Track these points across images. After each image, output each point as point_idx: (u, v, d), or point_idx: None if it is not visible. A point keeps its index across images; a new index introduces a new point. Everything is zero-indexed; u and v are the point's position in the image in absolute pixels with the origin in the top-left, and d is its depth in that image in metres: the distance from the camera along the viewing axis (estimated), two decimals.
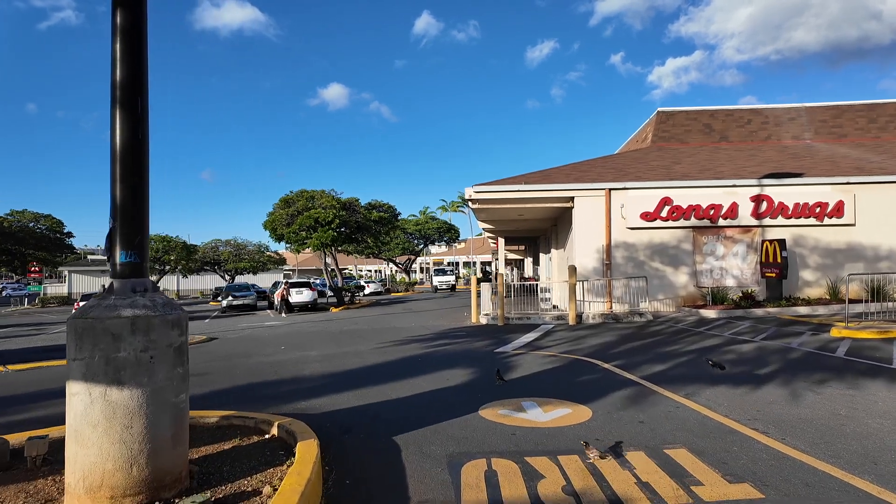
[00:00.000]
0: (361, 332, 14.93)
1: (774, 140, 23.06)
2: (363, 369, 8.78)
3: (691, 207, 16.09)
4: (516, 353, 9.70)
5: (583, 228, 16.65)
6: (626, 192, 16.40)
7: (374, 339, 13.16)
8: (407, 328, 15.64)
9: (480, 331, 13.96)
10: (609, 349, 9.83)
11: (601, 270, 16.47)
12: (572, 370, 7.89)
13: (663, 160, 20.25)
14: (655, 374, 7.32)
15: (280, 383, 7.91)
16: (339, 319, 20.41)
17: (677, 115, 24.01)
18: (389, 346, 11.64)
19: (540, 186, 16.80)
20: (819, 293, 15.78)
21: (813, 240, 16.02)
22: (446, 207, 75.43)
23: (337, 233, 25.34)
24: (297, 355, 10.80)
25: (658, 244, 16.43)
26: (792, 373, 7.10)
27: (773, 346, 9.21)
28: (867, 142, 22.18)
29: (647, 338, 11.14)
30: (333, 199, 26.49)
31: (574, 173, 18.58)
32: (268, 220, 27.01)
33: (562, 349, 9.99)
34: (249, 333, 16.44)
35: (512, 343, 11.11)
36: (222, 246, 46.19)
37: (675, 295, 16.39)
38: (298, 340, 13.68)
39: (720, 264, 16.17)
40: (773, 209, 15.86)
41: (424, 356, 9.92)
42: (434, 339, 12.63)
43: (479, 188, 16.85)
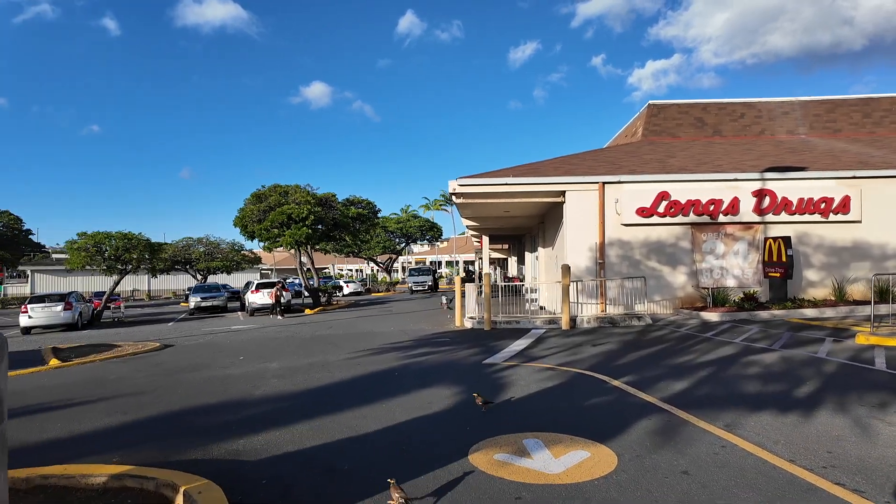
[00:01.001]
0: (334, 339, 13.52)
1: (769, 135, 22.22)
2: (327, 388, 7.41)
3: (690, 203, 15.02)
4: (508, 365, 8.43)
5: (575, 225, 15.47)
6: (621, 187, 15.27)
7: (346, 346, 11.78)
8: (385, 333, 14.28)
9: (465, 336, 12.68)
10: (614, 360, 8.61)
11: (594, 270, 15.32)
12: (577, 389, 6.64)
13: (656, 154, 19.21)
14: (678, 394, 6.10)
15: (223, 409, 6.51)
16: (313, 323, 18.94)
17: (669, 109, 23.02)
18: (363, 355, 10.28)
19: (529, 179, 15.58)
20: (824, 294, 14.84)
21: (817, 237, 15.08)
22: (429, 206, 74.19)
23: (312, 230, 23.81)
24: (255, 368, 9.37)
25: (655, 242, 15.34)
26: (839, 392, 5.95)
27: (798, 357, 8.09)
28: (863, 137, 21.46)
29: (652, 345, 9.97)
30: (308, 194, 24.93)
31: (564, 166, 17.41)
32: (238, 216, 25.34)
33: (559, 360, 8.75)
34: (211, 340, 14.90)
35: (501, 352, 9.84)
36: (194, 244, 44.08)
37: (673, 296, 15.32)
38: (262, 348, 12.22)
39: (720, 263, 15.14)
40: (777, 205, 14.87)
41: (402, 370, 8.58)
42: (414, 346, 11.30)
43: (465, 181, 15.56)
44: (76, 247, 23.38)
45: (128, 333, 18.41)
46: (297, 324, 18.83)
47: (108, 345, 13.97)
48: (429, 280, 42.45)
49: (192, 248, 43.23)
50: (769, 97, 22.99)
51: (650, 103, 23.19)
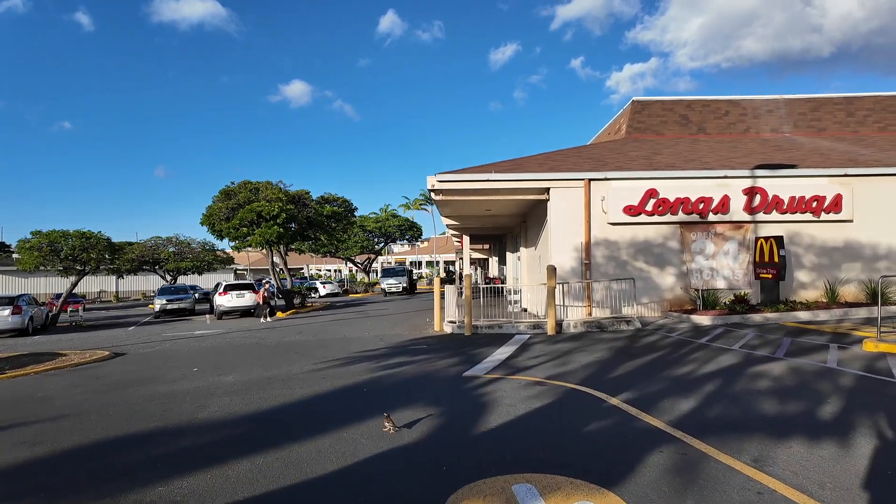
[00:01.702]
0: (302, 346, 12.49)
1: (753, 133, 21.83)
2: (284, 410, 6.43)
3: (679, 201, 14.38)
4: (490, 379, 7.55)
5: (559, 224, 14.70)
6: (608, 184, 14.55)
7: (314, 355, 10.78)
8: (358, 339, 13.30)
9: (444, 343, 11.79)
10: (607, 371, 7.81)
11: (579, 271, 14.57)
12: (571, 411, 5.79)
13: (642, 151, 18.60)
14: (687, 417, 5.30)
15: (156, 438, 5.49)
16: (283, 327, 17.83)
17: (653, 105, 22.48)
18: (331, 366, 9.30)
19: (512, 176, 14.75)
20: (815, 296, 14.34)
21: (809, 237, 14.58)
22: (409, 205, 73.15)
23: (284, 229, 22.61)
24: (208, 382, 8.33)
25: (642, 242, 14.66)
26: (868, 412, 5.22)
27: (808, 368, 7.39)
28: (847, 136, 21.21)
29: (646, 353, 9.20)
30: (280, 191, 23.72)
31: (548, 163, 16.64)
32: (205, 214, 23.99)
33: (548, 372, 7.91)
34: (168, 347, 13.72)
35: (483, 362, 8.97)
36: (163, 244, 42.27)
37: (661, 298, 14.66)
38: (221, 358, 11.14)
39: (710, 264, 14.53)
40: (768, 203, 14.32)
41: (372, 385, 7.64)
42: (388, 355, 10.36)
43: (444, 177, 14.66)
44: (28, 246, 21.81)
45: (82, 339, 17.06)
46: (265, 328, 17.69)
47: (52, 354, 12.71)
48: (404, 281, 39.45)
49: (161, 247, 41.43)
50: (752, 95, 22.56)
51: (634, 100, 22.62)
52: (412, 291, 40.95)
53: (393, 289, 38.95)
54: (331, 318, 20.50)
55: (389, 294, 38.72)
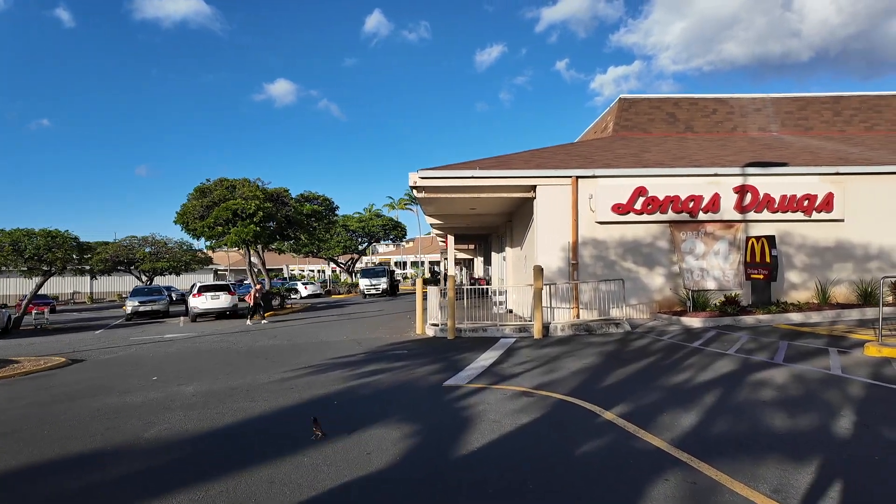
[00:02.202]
0: (275, 351, 11.78)
1: (741, 131, 21.57)
2: (241, 428, 5.75)
3: (669, 199, 13.94)
4: (473, 389, 6.96)
5: (546, 223, 14.18)
6: (596, 181, 14.06)
7: (286, 361, 10.09)
8: (335, 343, 12.62)
9: (426, 347, 11.17)
10: (598, 380, 7.26)
11: (566, 271, 14.06)
12: (562, 427, 5.21)
13: (630, 148, 18.18)
14: (691, 434, 4.75)
15: (89, 462, 4.79)
16: (258, 331, 17.05)
17: (640, 103, 22.11)
18: (302, 374, 8.62)
19: (497, 173, 14.19)
20: (807, 297, 14.01)
21: (800, 237, 14.25)
22: (394, 205, 72.48)
23: (261, 227, 21.78)
24: (165, 394, 7.61)
25: (631, 241, 14.20)
26: (891, 427, 4.72)
27: (812, 375, 6.92)
28: (834, 135, 21.06)
29: (638, 358, 8.69)
30: (258, 188, 22.88)
31: (535, 160, 16.12)
32: (179, 212, 23.06)
33: (535, 380, 7.34)
34: (133, 352, 12.90)
35: (466, 369, 8.37)
36: (139, 244, 40.99)
37: (650, 300, 14.21)
38: (186, 364, 10.39)
39: (700, 264, 14.13)
40: (759, 202, 13.95)
41: (343, 396, 7.00)
42: (365, 361, 9.71)
43: (427, 173, 14.05)
44: None
45: (44, 344, 16.11)
46: (239, 332, 16.90)
47: (3, 360, 11.81)
48: (384, 282, 37.24)
49: (137, 247, 40.16)
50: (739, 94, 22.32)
51: (621, 97, 22.24)
52: (394, 293, 39.30)
53: (372, 290, 37.03)
54: (309, 321, 19.75)
55: (369, 296, 36.83)
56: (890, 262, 14.11)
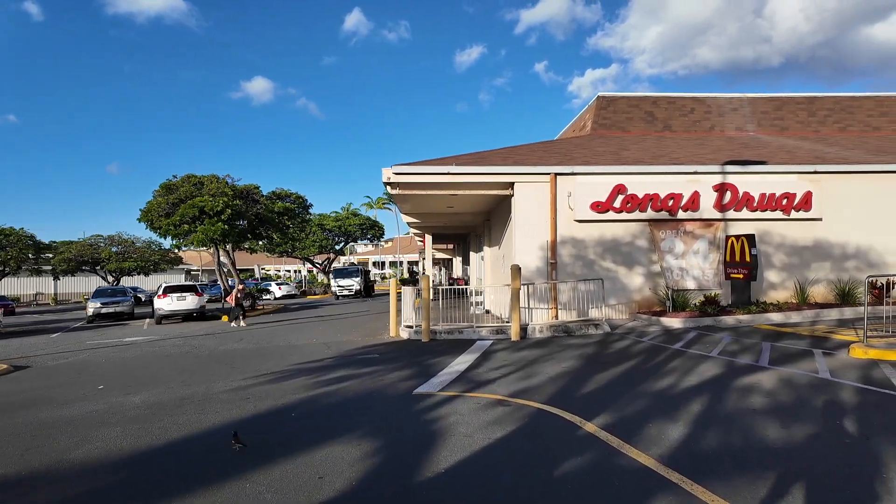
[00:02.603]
0: (239, 355, 11.10)
1: (718, 131, 21.54)
2: (182, 445, 5.15)
3: (648, 197, 13.66)
4: (445, 397, 6.46)
5: (524, 221, 13.77)
6: (575, 179, 13.70)
7: (248, 367, 9.44)
8: (303, 347, 11.99)
9: (399, 351, 10.63)
10: (579, 386, 6.82)
11: (545, 271, 13.67)
12: (540, 442, 4.74)
13: (609, 146, 17.93)
14: (680, 449, 4.33)
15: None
16: (224, 333, 16.28)
17: (619, 101, 21.92)
18: (263, 381, 8.01)
19: (474, 169, 13.72)
20: (785, 296, 13.88)
21: (779, 236, 14.12)
22: (371, 204, 71.70)
23: (229, 226, 20.92)
24: (107, 405, 6.92)
25: (610, 240, 13.88)
26: (892, 437, 4.37)
27: (800, 379, 6.59)
28: (809, 135, 21.17)
29: (619, 362, 8.30)
30: (226, 185, 22.00)
31: (513, 156, 15.71)
32: (144, 209, 22.04)
33: (511, 387, 6.87)
34: (85, 358, 12.06)
35: (439, 374, 7.86)
36: (104, 242, 39.45)
37: (629, 300, 13.91)
38: (140, 371, 9.66)
39: (680, 263, 13.88)
40: (738, 200, 13.77)
41: (304, 407, 6.42)
42: (332, 366, 9.13)
43: (401, 169, 13.51)
44: None
45: None
46: (204, 334, 16.10)
47: None
48: (357, 283, 35.39)
49: (102, 247, 38.64)
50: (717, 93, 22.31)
51: (600, 95, 22.01)
52: (369, 294, 37.83)
53: (344, 291, 35.05)
54: (280, 323, 19.01)
55: (341, 297, 34.91)
56: (867, 262, 14.07)
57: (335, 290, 35.35)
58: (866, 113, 22.07)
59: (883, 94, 22.39)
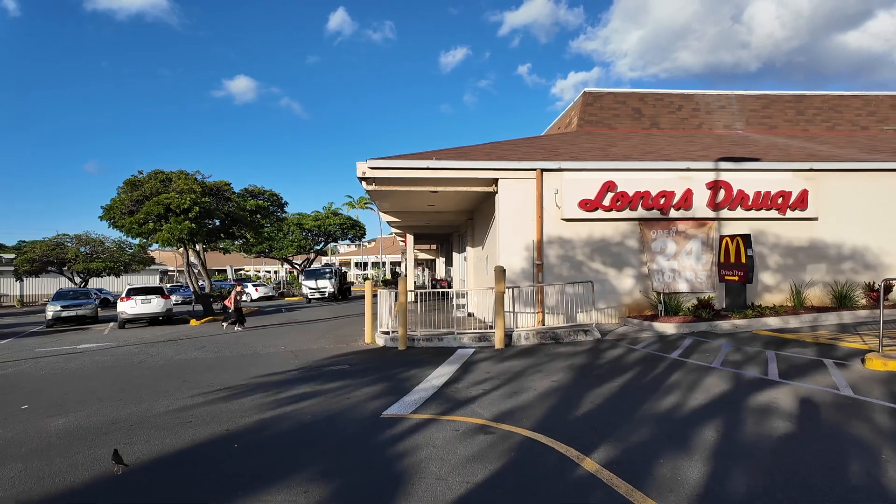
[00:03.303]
0: (194, 366, 10.06)
1: (707, 129, 21.01)
2: (87, 491, 4.16)
3: (639, 195, 12.92)
4: (418, 422, 5.56)
5: (508, 219, 12.93)
6: (562, 175, 12.91)
7: (201, 380, 8.42)
8: (268, 356, 10.99)
9: (372, 360, 9.70)
10: (572, 406, 5.98)
11: (531, 273, 12.85)
12: (529, 486, 3.87)
13: (596, 143, 17.20)
14: (707, 499, 3.49)
15: None
16: (187, 339, 15.15)
17: (605, 98, 21.26)
18: (212, 400, 7.02)
19: (456, 164, 12.83)
20: (781, 299, 13.27)
21: (773, 236, 13.50)
22: (353, 204, 70.48)
23: (198, 224, 19.72)
24: (20, 432, 5.87)
25: (599, 240, 13.11)
26: None
27: (820, 396, 5.84)
28: (798, 134, 20.75)
29: (614, 374, 7.48)
30: (195, 181, 20.78)
31: (496, 151, 14.86)
32: (106, 206, 20.70)
33: (495, 407, 6.00)
34: (26, 368, 10.88)
35: (414, 391, 6.96)
36: (71, 242, 37.67)
37: (619, 303, 13.16)
38: (76, 386, 8.56)
39: (671, 265, 13.18)
40: (732, 199, 13.11)
41: (251, 435, 5.47)
42: (295, 380, 8.16)
43: (377, 163, 12.56)
44: None
45: None
46: (166, 340, 14.95)
47: None
48: (331, 284, 32.73)
49: (69, 246, 36.88)
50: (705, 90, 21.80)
51: (586, 91, 21.33)
52: (345, 297, 35.64)
53: (316, 294, 32.52)
54: (251, 327, 17.90)
55: (313, 300, 32.47)
56: (863, 263, 13.54)
57: (306, 292, 33.01)
58: (854, 112, 21.74)
59: (871, 93, 22.09)
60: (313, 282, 32.99)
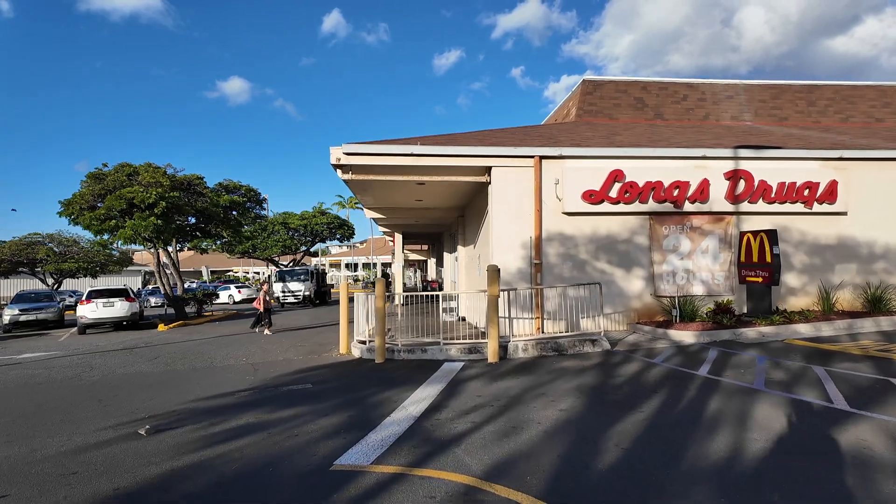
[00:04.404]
0: (137, 382, 8.47)
1: (713, 120, 19.64)
2: None
3: (650, 185, 11.47)
4: (379, 480, 4.04)
5: (503, 214, 11.45)
6: (563, 163, 11.44)
7: (128, 405, 6.85)
8: (224, 369, 9.42)
9: (342, 377, 8.17)
10: (592, 452, 4.48)
11: (528, 273, 11.36)
12: None
13: (598, 132, 15.76)
14: None
15: None
16: (146, 347, 13.53)
17: (606, 86, 19.84)
18: (124, 435, 5.45)
19: (443, 150, 11.31)
20: (806, 303, 11.86)
21: (798, 232, 12.10)
22: (343, 204, 68.88)
23: (164, 220, 18.06)
24: None
25: (604, 237, 11.65)
26: None
27: None
28: (810, 125, 19.44)
29: (639, 401, 6.00)
30: (163, 175, 19.11)
31: (489, 139, 13.38)
32: (65, 201, 18.99)
33: (487, 453, 4.49)
34: None
35: (383, 425, 5.43)
36: (43, 241, 35.74)
37: (627, 308, 11.70)
38: None
39: (685, 265, 11.75)
40: (754, 191, 11.68)
41: (151, 494, 3.92)
42: (242, 406, 6.61)
43: (354, 147, 11.02)
44: None
45: None
46: (120, 349, 13.32)
47: None
48: (306, 287, 29.60)
49: (38, 246, 35.00)
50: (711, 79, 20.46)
51: (585, 79, 19.90)
52: (323, 300, 32.75)
53: (290, 297, 29.33)
54: (218, 334, 16.29)
55: (287, 304, 29.47)
56: None
57: (278, 295, 29.57)
58: (868, 103, 20.45)
59: (886, 83, 20.82)
60: (287, 284, 29.90)
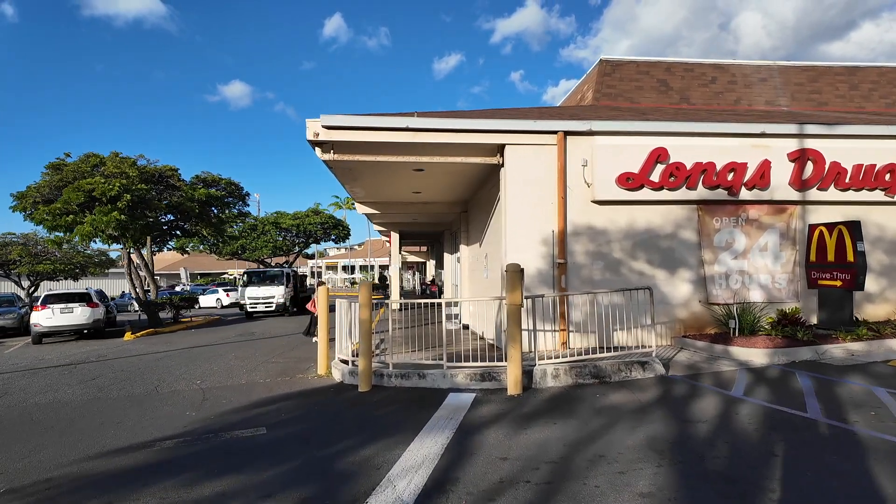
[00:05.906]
0: (40, 420, 6.33)
1: (745, 104, 17.59)
2: None
3: (699, 167, 9.36)
4: None
5: (518, 202, 9.33)
6: (594, 140, 9.34)
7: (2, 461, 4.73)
8: (165, 398, 7.28)
9: (310, 417, 6.04)
10: None
11: (549, 275, 9.24)
12: None
13: (623, 114, 13.67)
14: None
15: None
16: (96, 362, 11.38)
17: (626, 67, 17.78)
18: None
19: (447, 124, 9.19)
20: (884, 312, 9.77)
21: (876, 226, 10.00)
22: (340, 204, 66.96)
23: (129, 216, 15.90)
24: None
25: (643, 231, 9.54)
26: None
27: None
28: (852, 111, 17.40)
29: (750, 472, 3.89)
30: (130, 165, 16.96)
31: (501, 114, 11.28)
32: (17, 194, 16.86)
33: None
34: None
35: None
36: (17, 241, 33.57)
37: (671, 317, 9.58)
38: None
39: (739, 265, 9.65)
40: (824, 175, 9.59)
41: None
42: (151, 472, 4.48)
43: (334, 120, 8.88)
44: None
45: None
46: (65, 364, 11.16)
47: None
48: (279, 294, 24.03)
49: (11, 247, 32.83)
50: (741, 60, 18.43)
51: (602, 59, 17.84)
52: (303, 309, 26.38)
53: (258, 306, 23.74)
54: (188, 344, 14.14)
55: (255, 314, 24.05)
56: None
57: (246, 302, 24.04)
58: None
59: None
60: (256, 289, 24.27)
